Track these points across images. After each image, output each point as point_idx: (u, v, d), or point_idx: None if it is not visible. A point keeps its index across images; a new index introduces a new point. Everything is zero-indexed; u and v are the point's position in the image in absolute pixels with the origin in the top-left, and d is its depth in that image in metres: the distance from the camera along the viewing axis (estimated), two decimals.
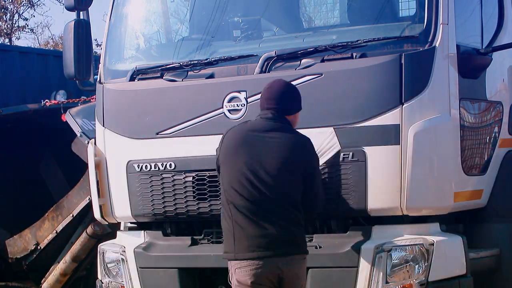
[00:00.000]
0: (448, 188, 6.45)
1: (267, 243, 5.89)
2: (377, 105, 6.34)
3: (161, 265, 7.01)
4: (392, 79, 6.32)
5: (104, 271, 7.37)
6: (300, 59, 6.63)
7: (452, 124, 6.47)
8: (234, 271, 6.00)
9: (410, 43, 6.41)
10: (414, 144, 6.25)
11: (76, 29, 7.34)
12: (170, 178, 6.94)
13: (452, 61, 6.49)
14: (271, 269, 5.91)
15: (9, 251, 10.30)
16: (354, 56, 6.46)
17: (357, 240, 6.41)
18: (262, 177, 5.92)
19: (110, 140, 7.28)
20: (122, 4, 7.60)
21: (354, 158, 6.37)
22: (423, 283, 6.27)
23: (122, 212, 7.25)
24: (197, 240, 6.99)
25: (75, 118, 9.43)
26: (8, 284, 10.29)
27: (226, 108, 6.74)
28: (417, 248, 6.30)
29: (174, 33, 8.11)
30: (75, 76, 7.37)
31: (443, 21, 6.39)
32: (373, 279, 6.28)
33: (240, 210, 5.93)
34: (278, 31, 7.54)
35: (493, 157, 7.00)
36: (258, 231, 5.90)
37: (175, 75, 7.05)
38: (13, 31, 29.59)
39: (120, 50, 7.70)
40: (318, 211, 6.24)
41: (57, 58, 12.26)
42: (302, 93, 6.42)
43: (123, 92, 7.26)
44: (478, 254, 6.70)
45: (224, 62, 6.91)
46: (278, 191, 5.92)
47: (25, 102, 11.34)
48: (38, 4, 29.78)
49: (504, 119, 7.17)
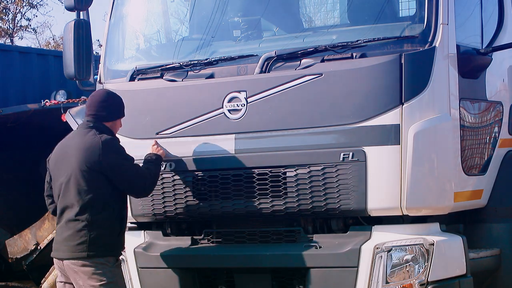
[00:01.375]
0: (448, 188, 6.45)
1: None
2: (377, 105, 6.34)
3: (161, 265, 7.01)
4: (392, 79, 6.32)
5: None
6: (300, 59, 6.63)
7: (452, 124, 6.47)
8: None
9: (410, 43, 6.41)
10: (414, 144, 6.25)
11: (76, 29, 7.34)
12: (170, 178, 6.94)
13: (452, 61, 6.49)
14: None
15: (9, 251, 10.30)
16: (354, 56, 6.46)
17: (357, 240, 6.41)
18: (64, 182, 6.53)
19: None
20: (122, 4, 7.61)
21: (354, 158, 6.37)
22: (423, 283, 6.27)
23: None
24: (197, 240, 7.00)
25: (75, 118, 9.42)
26: (8, 284, 10.29)
27: (226, 108, 6.74)
28: (417, 248, 6.30)
29: (174, 33, 8.11)
30: (75, 76, 7.37)
31: (443, 21, 6.39)
32: (373, 279, 6.28)
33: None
34: (278, 31, 7.54)
35: (493, 157, 7.01)
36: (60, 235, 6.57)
37: (175, 75, 7.05)
38: (15, 31, 29.59)
39: (120, 50, 7.70)
40: (146, 194, 6.73)
41: (57, 58, 12.27)
42: (302, 93, 6.44)
43: (123, 92, 7.24)
44: (478, 254, 6.71)
45: (224, 62, 6.91)
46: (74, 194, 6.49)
47: (25, 102, 11.34)
48: (40, 4, 29.80)
49: (504, 119, 7.17)
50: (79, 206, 6.44)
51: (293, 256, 6.59)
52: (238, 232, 6.91)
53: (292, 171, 6.55)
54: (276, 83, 6.59)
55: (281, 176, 6.59)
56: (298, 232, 6.69)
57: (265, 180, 6.63)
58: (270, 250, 6.70)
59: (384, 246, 6.30)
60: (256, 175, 6.65)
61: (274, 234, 6.79)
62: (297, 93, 6.54)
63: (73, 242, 6.45)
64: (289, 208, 6.58)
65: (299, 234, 6.68)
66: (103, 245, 6.46)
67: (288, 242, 6.73)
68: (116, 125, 6.73)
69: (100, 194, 6.46)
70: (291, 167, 6.55)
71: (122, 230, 6.63)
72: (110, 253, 6.53)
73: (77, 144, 6.55)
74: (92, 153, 6.45)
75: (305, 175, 6.51)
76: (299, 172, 6.52)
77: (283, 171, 6.58)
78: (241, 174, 6.69)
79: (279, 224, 6.85)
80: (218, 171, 6.78)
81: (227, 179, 6.73)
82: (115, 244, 6.59)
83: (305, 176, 6.51)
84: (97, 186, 6.45)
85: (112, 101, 6.73)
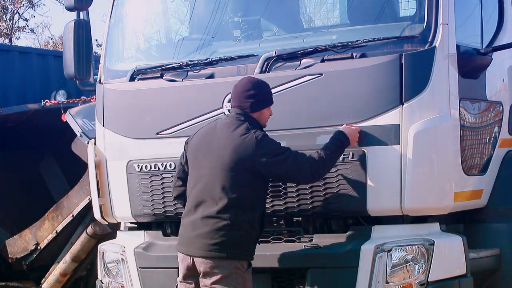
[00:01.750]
0: (448, 188, 6.45)
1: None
2: (377, 105, 6.34)
3: (161, 265, 7.00)
4: (392, 79, 6.32)
5: (104, 271, 7.37)
6: (300, 59, 6.63)
7: (452, 124, 6.47)
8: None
9: (410, 43, 6.41)
10: (414, 144, 6.25)
11: (76, 29, 7.34)
12: (170, 178, 6.94)
13: (452, 61, 6.49)
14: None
15: (9, 251, 10.30)
16: (354, 56, 6.46)
17: (357, 240, 6.41)
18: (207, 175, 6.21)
19: (110, 140, 7.28)
20: (122, 4, 7.61)
21: (354, 158, 6.37)
22: (423, 283, 6.27)
23: (122, 212, 7.26)
24: None
25: (75, 118, 9.42)
26: (8, 284, 10.29)
27: (226, 108, 6.74)
28: (417, 248, 6.30)
29: (174, 33, 8.11)
30: (75, 76, 7.37)
31: (443, 21, 6.39)
32: (373, 279, 6.28)
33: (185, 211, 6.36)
34: (278, 31, 7.54)
35: (493, 157, 7.01)
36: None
37: (175, 75, 7.05)
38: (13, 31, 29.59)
39: (120, 50, 7.71)
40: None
41: (57, 58, 12.27)
42: (302, 93, 6.43)
43: (123, 92, 7.26)
44: (478, 254, 6.71)
45: (224, 62, 6.91)
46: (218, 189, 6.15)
47: (25, 102, 11.34)
48: (38, 4, 29.80)
49: (504, 119, 7.17)
50: (223, 204, 6.09)
51: (293, 256, 6.59)
52: None
53: None
54: (276, 83, 6.59)
55: None
56: (298, 232, 6.69)
57: None
58: (270, 250, 6.70)
59: (384, 246, 6.30)
60: None
61: (274, 234, 6.79)
62: (297, 93, 6.54)
63: (210, 240, 6.11)
64: (289, 208, 6.58)
65: (299, 234, 6.68)
66: (242, 248, 6.17)
67: (288, 242, 6.72)
68: (263, 114, 6.32)
69: (248, 195, 6.14)
70: None
71: (260, 234, 6.35)
72: (246, 257, 6.24)
73: (226, 138, 6.19)
74: (245, 151, 6.10)
75: None
76: None
77: None
78: None
79: (279, 224, 6.86)
80: None
81: None
82: (252, 248, 6.27)
83: None
84: (246, 186, 6.14)
85: (257, 91, 6.30)
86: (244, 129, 6.18)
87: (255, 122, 6.27)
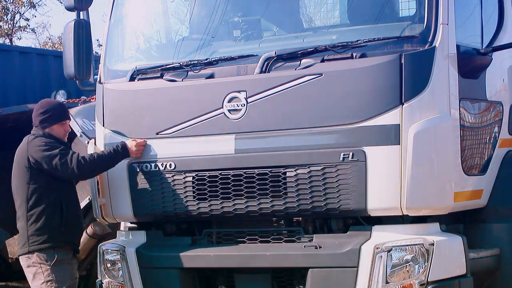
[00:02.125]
0: (448, 188, 6.45)
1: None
2: (377, 105, 6.34)
3: (161, 265, 7.01)
4: (392, 79, 6.32)
5: (104, 271, 7.36)
6: (300, 59, 6.63)
7: (452, 124, 6.46)
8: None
9: (410, 43, 6.41)
10: (414, 144, 6.25)
11: (76, 29, 7.34)
12: (170, 178, 6.94)
13: (452, 61, 6.48)
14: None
15: (9, 251, 10.29)
16: (354, 56, 6.46)
17: (357, 240, 6.41)
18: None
19: (110, 140, 7.28)
20: (122, 4, 7.61)
21: (354, 158, 6.37)
22: (423, 283, 6.27)
23: (122, 212, 7.25)
24: (197, 240, 7.00)
25: (75, 118, 9.41)
26: (8, 284, 10.28)
27: (226, 108, 6.74)
28: (417, 248, 6.30)
29: (174, 33, 8.11)
30: (75, 76, 7.37)
31: (443, 21, 6.38)
32: (373, 279, 6.28)
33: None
34: (278, 31, 7.54)
35: (493, 157, 7.00)
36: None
37: (175, 75, 7.05)
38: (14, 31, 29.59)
39: (120, 50, 7.71)
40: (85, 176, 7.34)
41: (57, 58, 12.26)
42: (302, 93, 6.44)
43: (123, 92, 7.26)
44: (478, 254, 6.70)
45: (224, 62, 6.91)
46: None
47: (25, 102, 11.32)
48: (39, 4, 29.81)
49: (504, 119, 7.17)
50: (18, 204, 7.34)
51: (293, 256, 6.60)
52: (238, 232, 6.91)
53: (292, 171, 6.55)
54: (276, 83, 6.59)
55: (281, 176, 6.59)
56: (298, 232, 6.69)
57: (265, 180, 6.63)
58: (270, 250, 6.70)
59: (384, 246, 6.30)
60: (256, 175, 6.65)
61: (274, 234, 6.79)
62: (297, 93, 6.54)
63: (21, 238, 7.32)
64: (289, 208, 6.58)
65: (299, 234, 6.68)
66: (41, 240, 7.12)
67: (288, 242, 6.73)
68: (54, 131, 7.29)
69: (32, 190, 7.14)
70: (291, 167, 6.55)
71: (63, 221, 7.14)
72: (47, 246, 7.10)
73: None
74: (22, 151, 7.26)
75: (305, 175, 6.51)
76: (299, 172, 6.53)
77: (283, 171, 6.58)
78: (241, 174, 6.69)
79: (279, 224, 6.86)
80: (218, 171, 6.78)
81: (227, 179, 6.73)
82: (56, 236, 7.11)
83: (305, 176, 6.51)
84: (29, 183, 7.17)
85: (46, 109, 7.32)
86: (26, 139, 7.31)
87: (46, 135, 7.23)
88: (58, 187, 7.14)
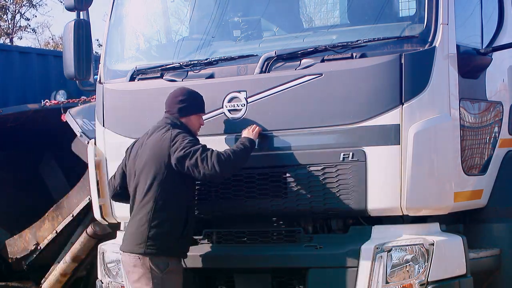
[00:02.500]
0: (448, 188, 6.45)
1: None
2: (377, 105, 6.34)
3: None
4: (392, 79, 6.32)
5: (104, 271, 7.36)
6: (300, 59, 6.63)
7: (452, 124, 6.46)
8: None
9: (410, 43, 6.41)
10: (414, 144, 6.25)
11: (76, 29, 7.34)
12: None
13: (452, 61, 6.49)
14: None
15: (9, 251, 10.29)
16: (354, 56, 6.46)
17: (357, 240, 6.41)
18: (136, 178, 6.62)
19: (110, 140, 7.28)
20: (122, 4, 7.61)
21: (354, 158, 6.37)
22: (423, 283, 6.27)
23: (122, 212, 7.24)
24: (197, 240, 6.99)
25: (75, 118, 9.42)
26: (8, 284, 10.28)
27: (226, 108, 6.74)
28: (417, 248, 6.30)
29: (174, 33, 8.11)
30: (75, 76, 7.38)
31: (443, 21, 6.39)
32: (373, 279, 6.28)
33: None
34: (278, 31, 7.54)
35: (493, 157, 7.00)
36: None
37: (175, 75, 7.05)
38: (15, 31, 29.59)
39: (120, 50, 7.71)
40: (217, 175, 6.44)
41: (57, 58, 12.25)
42: (302, 93, 6.44)
43: (123, 92, 7.26)
44: (478, 254, 6.71)
45: (224, 62, 6.91)
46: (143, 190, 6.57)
47: (25, 102, 11.33)
48: (40, 4, 29.81)
49: (504, 119, 7.17)
50: (145, 202, 6.55)
51: (293, 256, 6.60)
52: (238, 232, 6.91)
53: (292, 171, 6.55)
54: (276, 83, 6.59)
55: (281, 176, 6.59)
56: (298, 232, 6.69)
57: (265, 180, 6.63)
58: (270, 250, 6.70)
59: (384, 246, 6.30)
60: (256, 175, 6.65)
61: (274, 234, 6.79)
62: (297, 93, 6.54)
63: (134, 238, 6.60)
64: (289, 208, 6.58)
65: (299, 234, 6.68)
66: (160, 247, 6.53)
67: (288, 242, 6.72)
68: (190, 121, 6.67)
69: (168, 193, 6.50)
70: (291, 167, 6.55)
71: (184, 233, 6.60)
72: (164, 255, 6.56)
73: (151, 139, 6.60)
74: (162, 147, 6.50)
75: (305, 175, 6.51)
76: (299, 172, 6.53)
77: (283, 171, 6.58)
78: (241, 174, 6.69)
79: (279, 224, 6.86)
80: None
81: (227, 179, 6.72)
82: (174, 247, 6.59)
83: (305, 176, 6.51)
84: (166, 184, 6.48)
85: (185, 97, 6.68)
86: (166, 129, 6.56)
87: (182, 125, 6.60)
88: (185, 193, 6.63)
